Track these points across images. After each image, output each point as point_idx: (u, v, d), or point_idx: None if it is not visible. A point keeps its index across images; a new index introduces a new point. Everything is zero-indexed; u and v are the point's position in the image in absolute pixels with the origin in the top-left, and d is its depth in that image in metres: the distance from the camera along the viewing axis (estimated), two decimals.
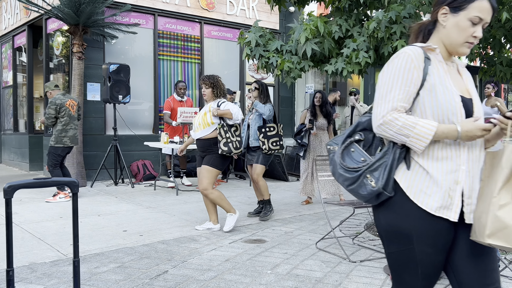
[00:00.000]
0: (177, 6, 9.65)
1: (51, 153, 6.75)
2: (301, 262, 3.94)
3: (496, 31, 4.94)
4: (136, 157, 9.21)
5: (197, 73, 10.16)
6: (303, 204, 6.61)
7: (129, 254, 4.15)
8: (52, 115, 6.71)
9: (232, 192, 7.76)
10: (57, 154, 6.75)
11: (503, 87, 15.59)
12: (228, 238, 4.73)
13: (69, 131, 6.80)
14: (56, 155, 6.74)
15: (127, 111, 9.20)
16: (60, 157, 6.79)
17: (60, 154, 6.77)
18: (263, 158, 5.65)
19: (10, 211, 1.87)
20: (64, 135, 6.76)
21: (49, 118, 6.71)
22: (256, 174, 5.66)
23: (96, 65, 8.76)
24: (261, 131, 5.63)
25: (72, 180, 1.90)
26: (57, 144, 6.73)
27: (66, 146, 6.79)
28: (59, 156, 6.77)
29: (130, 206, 6.44)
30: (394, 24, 4.47)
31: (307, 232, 5.02)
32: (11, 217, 1.86)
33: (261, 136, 5.60)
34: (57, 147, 6.74)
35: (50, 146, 6.78)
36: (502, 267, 3.66)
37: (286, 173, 9.14)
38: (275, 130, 5.68)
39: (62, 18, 8.04)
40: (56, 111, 6.73)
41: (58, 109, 6.73)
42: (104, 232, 4.98)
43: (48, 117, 6.70)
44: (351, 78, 4.83)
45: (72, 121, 6.86)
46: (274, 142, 5.63)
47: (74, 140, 6.88)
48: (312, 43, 4.75)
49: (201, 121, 4.96)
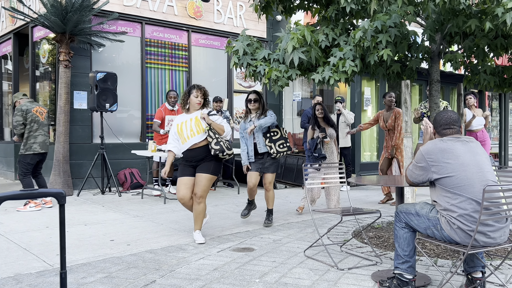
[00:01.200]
0: (164, 14, 9.67)
1: (21, 161, 6.74)
2: (290, 270, 3.95)
3: (479, 40, 5.02)
4: (123, 165, 9.15)
5: (184, 81, 10.16)
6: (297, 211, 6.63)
7: (116, 264, 4.12)
8: (19, 121, 6.69)
9: (220, 200, 7.74)
10: (27, 163, 6.72)
11: (487, 94, 15.81)
12: (217, 246, 4.72)
13: (38, 137, 6.77)
14: (25, 163, 6.72)
15: (114, 119, 9.16)
16: (30, 165, 6.75)
17: (29, 162, 6.73)
18: (274, 166, 5.75)
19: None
20: (33, 141, 6.73)
21: (17, 125, 6.69)
22: (268, 183, 5.76)
23: (83, 73, 8.72)
24: (266, 136, 5.70)
25: (59, 192, 1.88)
26: (26, 152, 6.71)
27: (36, 153, 6.75)
28: (29, 164, 6.74)
29: (117, 215, 6.40)
30: (380, 34, 4.52)
31: (296, 240, 5.03)
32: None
33: (267, 141, 5.69)
34: (26, 155, 6.72)
35: (20, 154, 6.76)
36: (488, 273, 3.70)
37: (274, 180, 9.15)
38: (279, 133, 5.80)
39: (48, 26, 8.01)
40: (24, 117, 6.71)
41: (25, 115, 6.72)
42: (90, 241, 4.94)
43: (16, 125, 6.69)
44: (337, 86, 4.87)
45: (41, 127, 6.85)
46: (280, 145, 5.74)
47: (44, 146, 6.85)
48: (299, 52, 4.79)
49: (194, 127, 4.85)
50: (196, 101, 4.91)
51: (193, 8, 10.10)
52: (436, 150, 3.17)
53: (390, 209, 6.88)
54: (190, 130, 4.86)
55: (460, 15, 4.74)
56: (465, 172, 3.07)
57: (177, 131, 4.95)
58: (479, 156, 3.17)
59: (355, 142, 10.63)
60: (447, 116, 3.31)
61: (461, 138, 3.23)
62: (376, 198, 7.98)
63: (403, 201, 4.11)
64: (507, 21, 4.04)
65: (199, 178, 4.88)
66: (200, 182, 4.87)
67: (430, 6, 4.38)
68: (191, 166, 4.94)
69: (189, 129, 4.87)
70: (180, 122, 4.95)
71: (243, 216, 5.83)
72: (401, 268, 3.34)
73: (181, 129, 4.91)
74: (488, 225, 3.00)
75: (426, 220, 3.24)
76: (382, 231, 5.37)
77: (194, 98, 4.91)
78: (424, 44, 5.23)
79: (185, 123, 4.92)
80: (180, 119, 5.00)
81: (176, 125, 4.97)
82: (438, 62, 5.35)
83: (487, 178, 3.09)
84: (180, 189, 4.88)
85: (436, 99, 5.38)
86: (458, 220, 3.03)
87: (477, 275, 3.34)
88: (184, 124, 4.91)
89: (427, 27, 5.00)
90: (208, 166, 4.89)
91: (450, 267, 4.00)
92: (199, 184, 4.87)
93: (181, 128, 4.91)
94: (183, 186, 4.88)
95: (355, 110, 10.73)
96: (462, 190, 3.04)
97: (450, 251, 4.48)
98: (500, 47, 5.15)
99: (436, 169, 3.14)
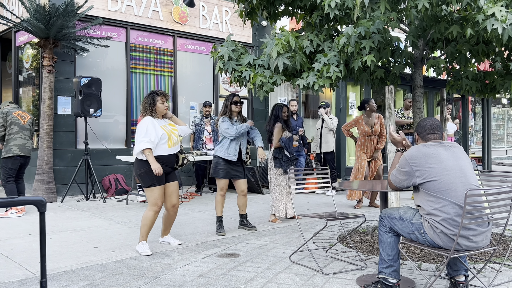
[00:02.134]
0: (149, 19, 9.63)
1: (2, 166, 6.78)
2: (275, 276, 3.94)
3: (461, 46, 5.09)
4: (108, 171, 9.08)
5: (170, 86, 10.12)
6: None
7: (100, 271, 4.08)
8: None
9: (206, 205, 7.71)
10: (8, 168, 6.72)
11: (470, 99, 16.03)
12: (202, 252, 4.70)
13: (17, 139, 6.78)
14: (7, 168, 6.72)
15: (99, 125, 9.09)
16: (12, 170, 6.73)
17: (11, 167, 6.72)
18: (247, 171, 5.77)
19: None
20: (13, 144, 6.74)
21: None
22: (246, 188, 5.76)
23: (67, 79, 8.64)
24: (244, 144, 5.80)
25: (39, 199, 1.86)
26: (7, 154, 6.71)
27: (16, 155, 6.72)
28: (11, 169, 6.73)
29: (101, 221, 6.33)
30: (363, 40, 4.56)
31: (281, 245, 5.03)
32: None
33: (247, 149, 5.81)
34: (7, 159, 6.71)
35: (2, 158, 6.76)
36: (471, 276, 3.74)
37: (260, 185, 9.15)
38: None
39: (31, 31, 7.93)
40: (3, 119, 6.74)
41: (5, 117, 6.75)
42: (74, 248, 4.88)
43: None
44: (322, 91, 4.90)
45: (22, 131, 6.86)
46: (247, 153, 5.85)
47: (24, 149, 6.82)
48: (284, 57, 4.81)
49: (174, 136, 4.79)
50: (164, 107, 4.75)
51: (179, 13, 10.08)
52: (419, 155, 3.21)
53: (375, 213, 6.92)
54: (176, 136, 4.84)
55: (442, 21, 4.81)
56: (448, 176, 3.11)
57: (167, 134, 4.71)
58: (462, 160, 3.21)
59: (340, 146, 10.69)
60: (431, 122, 3.37)
61: (444, 143, 3.27)
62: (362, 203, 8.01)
63: (387, 205, 4.14)
64: (487, 27, 4.11)
65: (174, 186, 4.86)
66: (176, 190, 4.89)
67: (413, 12, 4.44)
68: (165, 173, 4.74)
69: (177, 135, 4.84)
70: (163, 125, 4.75)
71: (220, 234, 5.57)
72: (386, 273, 3.36)
73: (169, 133, 4.74)
74: (470, 229, 3.04)
75: (409, 224, 3.26)
76: (367, 235, 5.40)
77: (161, 105, 4.72)
78: (407, 50, 5.29)
79: (166, 128, 4.76)
80: (161, 122, 4.77)
81: (160, 127, 4.69)
82: (421, 67, 5.42)
83: (470, 183, 3.13)
84: (163, 197, 4.71)
85: (419, 104, 5.44)
86: (441, 224, 3.06)
87: (460, 278, 3.38)
88: (165, 128, 4.75)
89: (410, 33, 5.06)
90: (176, 173, 4.99)
91: (434, 270, 4.03)
92: (176, 192, 4.88)
93: (168, 132, 4.74)
94: (162, 196, 4.72)
95: (340, 115, 10.79)
96: (445, 195, 3.08)
97: (434, 254, 4.51)
98: (481, 53, 5.23)
99: (420, 173, 3.17)
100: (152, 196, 4.63)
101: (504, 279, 3.75)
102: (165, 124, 4.80)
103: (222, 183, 5.62)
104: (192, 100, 10.51)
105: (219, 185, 5.62)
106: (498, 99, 19.54)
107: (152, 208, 4.64)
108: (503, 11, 4.11)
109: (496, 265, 4.16)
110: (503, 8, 4.12)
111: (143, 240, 4.70)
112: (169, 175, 4.84)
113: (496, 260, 4.33)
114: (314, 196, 8.96)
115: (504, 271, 3.98)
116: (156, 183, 4.62)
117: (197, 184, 9.27)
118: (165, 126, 4.77)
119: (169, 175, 4.84)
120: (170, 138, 4.75)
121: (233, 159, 5.58)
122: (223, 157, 5.57)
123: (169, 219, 4.99)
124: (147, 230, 4.69)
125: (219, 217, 5.65)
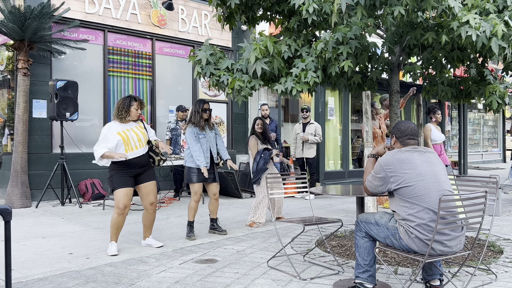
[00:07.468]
0: (127, 22, 9.54)
1: None
2: (252, 281, 3.92)
3: (437, 52, 5.17)
4: (84, 175, 8.94)
5: (148, 90, 10.03)
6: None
7: (74, 278, 4.00)
8: None
9: (184, 210, 7.65)
10: None
11: (447, 104, 16.29)
12: (179, 258, 4.65)
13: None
14: None
15: (75, 129, 8.95)
16: None
17: None
18: (218, 175, 5.79)
19: None
20: None
21: None
22: (218, 192, 5.77)
23: (42, 82, 8.49)
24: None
25: (4, 208, 1.81)
26: None
27: None
28: None
29: (77, 227, 6.23)
30: (341, 45, 4.59)
31: (259, 250, 5.01)
32: None
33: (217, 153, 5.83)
34: None
35: None
36: (446, 281, 3.78)
37: (240, 190, 9.12)
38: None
39: (6, 33, 7.77)
40: None
41: None
42: (48, 255, 4.78)
43: None
44: (300, 97, 4.91)
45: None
46: (219, 155, 5.89)
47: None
48: (262, 62, 4.81)
49: (142, 138, 4.91)
50: (137, 113, 4.97)
51: (157, 16, 10.01)
52: (394, 160, 3.23)
53: (353, 218, 6.95)
54: (138, 140, 4.90)
55: (418, 28, 4.87)
56: (422, 182, 3.13)
57: (123, 139, 4.79)
58: (436, 166, 3.24)
59: (319, 151, 10.73)
60: (411, 127, 3.37)
61: (418, 149, 3.30)
62: (340, 207, 8.06)
63: (363, 210, 4.16)
64: (462, 34, 4.17)
65: (150, 186, 5.02)
66: (153, 190, 5.04)
67: (389, 19, 4.48)
68: (131, 176, 4.89)
69: (137, 139, 4.88)
70: (121, 130, 4.82)
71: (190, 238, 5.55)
72: (362, 277, 3.37)
73: (127, 138, 4.82)
74: (444, 234, 3.07)
75: (385, 229, 3.28)
76: (345, 239, 5.42)
77: (135, 111, 4.94)
78: (384, 55, 5.34)
79: (129, 132, 4.86)
80: (119, 127, 4.85)
81: (117, 133, 4.78)
82: (397, 73, 5.47)
83: (443, 188, 3.16)
84: (125, 199, 4.80)
85: (396, 109, 5.49)
86: (415, 230, 3.08)
87: (435, 283, 3.41)
88: (128, 133, 4.85)
89: (386, 39, 5.11)
90: (152, 173, 5.07)
91: (410, 275, 4.06)
92: (153, 192, 5.04)
93: (126, 137, 4.82)
94: (127, 196, 4.82)
95: (319, 120, 10.84)
96: (419, 200, 3.10)
97: (411, 259, 4.55)
98: (456, 59, 5.32)
99: (395, 179, 3.19)
100: (115, 198, 4.86)
101: (478, 283, 3.80)
102: (130, 127, 4.91)
103: (196, 187, 5.60)
104: (171, 104, 10.44)
105: (193, 189, 5.60)
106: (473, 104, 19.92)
107: (115, 209, 4.82)
108: (476, 19, 4.19)
109: (471, 269, 4.21)
110: (477, 15, 4.20)
111: (112, 241, 4.89)
112: (143, 175, 4.99)
113: (471, 264, 4.39)
114: (293, 200, 8.97)
115: (478, 275, 4.04)
116: (117, 187, 4.81)
117: (175, 189, 9.20)
118: (128, 130, 4.87)
119: (143, 176, 4.99)
120: (128, 143, 4.82)
121: (206, 166, 5.59)
122: (195, 167, 5.59)
123: (148, 218, 5.11)
124: (114, 231, 4.87)
125: (190, 222, 5.63)
